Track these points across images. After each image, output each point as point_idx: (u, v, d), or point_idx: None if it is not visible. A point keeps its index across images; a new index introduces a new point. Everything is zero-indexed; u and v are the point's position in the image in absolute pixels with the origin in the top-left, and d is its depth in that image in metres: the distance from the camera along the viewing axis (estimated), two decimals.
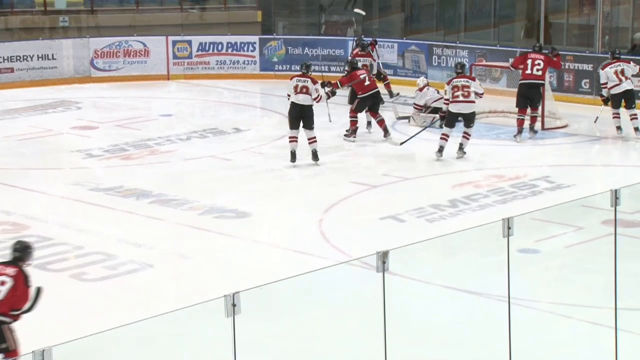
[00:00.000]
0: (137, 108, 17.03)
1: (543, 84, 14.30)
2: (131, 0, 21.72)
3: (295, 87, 12.80)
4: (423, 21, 21.20)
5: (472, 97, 13.16)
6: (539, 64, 14.11)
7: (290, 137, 12.85)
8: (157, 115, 16.49)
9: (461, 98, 13.11)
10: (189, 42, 19.74)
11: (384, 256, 5.62)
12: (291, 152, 12.81)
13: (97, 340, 5.23)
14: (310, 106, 12.82)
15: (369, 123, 14.78)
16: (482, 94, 13.36)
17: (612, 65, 14.20)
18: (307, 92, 12.76)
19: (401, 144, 13.85)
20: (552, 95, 15.11)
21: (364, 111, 14.39)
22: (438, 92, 15.49)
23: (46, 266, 9.23)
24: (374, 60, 15.48)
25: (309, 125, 12.81)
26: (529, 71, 14.12)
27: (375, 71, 15.30)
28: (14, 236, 10.00)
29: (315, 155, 12.87)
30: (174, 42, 19.69)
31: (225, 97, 17.93)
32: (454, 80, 13.31)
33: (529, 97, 14.17)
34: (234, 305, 5.09)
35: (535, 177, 12.06)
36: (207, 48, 19.75)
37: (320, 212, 10.79)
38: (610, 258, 6.48)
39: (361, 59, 15.10)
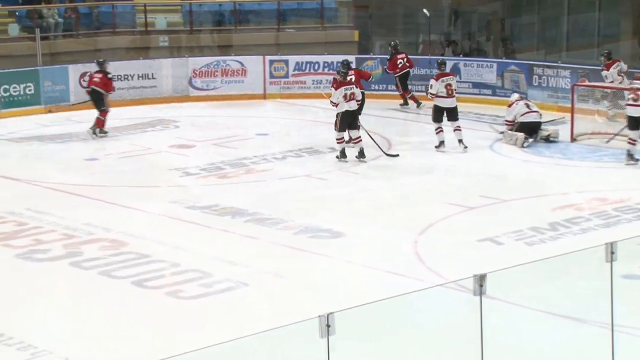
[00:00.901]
0: (233, 127, 17.20)
1: None
2: (229, 20, 22.05)
3: (345, 96, 13.96)
4: (523, 40, 20.87)
5: None
6: None
7: (339, 139, 14.11)
8: (253, 134, 16.61)
9: (631, 102, 13.35)
10: (286, 62, 19.89)
11: (481, 279, 5.50)
12: (341, 151, 14.06)
13: (192, 358, 5.23)
14: (358, 109, 14.16)
15: (460, 141, 14.65)
16: None
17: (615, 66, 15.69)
18: (354, 98, 13.99)
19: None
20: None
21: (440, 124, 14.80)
22: (528, 106, 15.24)
23: (143, 283, 9.34)
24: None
25: (356, 126, 14.12)
26: None
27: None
28: (113, 252, 10.22)
29: (362, 154, 13.97)
30: (271, 62, 19.87)
31: (321, 117, 17.93)
32: (634, 81, 13.64)
33: None
34: (328, 325, 5.04)
35: None
36: (303, 67, 19.85)
37: (415, 233, 10.66)
38: None
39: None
